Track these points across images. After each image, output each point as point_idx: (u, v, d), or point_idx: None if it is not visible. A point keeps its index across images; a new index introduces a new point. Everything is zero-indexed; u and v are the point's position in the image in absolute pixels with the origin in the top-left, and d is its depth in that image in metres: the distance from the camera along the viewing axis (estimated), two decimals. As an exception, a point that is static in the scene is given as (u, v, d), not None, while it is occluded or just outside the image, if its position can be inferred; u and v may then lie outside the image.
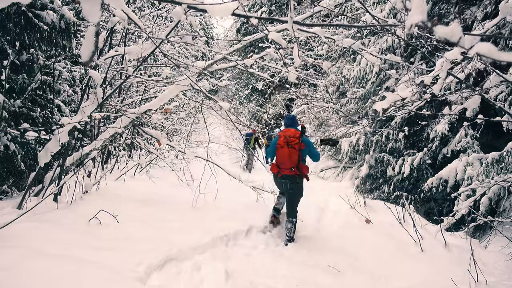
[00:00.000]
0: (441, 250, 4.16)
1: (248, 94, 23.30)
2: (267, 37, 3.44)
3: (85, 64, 1.16)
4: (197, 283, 3.07)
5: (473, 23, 6.73)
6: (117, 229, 3.83)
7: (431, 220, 5.69)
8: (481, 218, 4.23)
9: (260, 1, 22.46)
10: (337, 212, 5.71)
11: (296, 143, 4.33)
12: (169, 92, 4.56)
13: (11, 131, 4.32)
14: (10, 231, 2.94)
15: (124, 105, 6.48)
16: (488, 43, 0.95)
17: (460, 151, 6.85)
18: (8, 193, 5.15)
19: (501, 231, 4.46)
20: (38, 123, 5.33)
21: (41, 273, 2.45)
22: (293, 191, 4.52)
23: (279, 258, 3.90)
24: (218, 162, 5.76)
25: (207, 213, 5.12)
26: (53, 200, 4.24)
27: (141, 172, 7.80)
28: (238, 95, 23.45)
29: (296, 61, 1.86)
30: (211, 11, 1.61)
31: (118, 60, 6.43)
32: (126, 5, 4.40)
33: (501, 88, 5.82)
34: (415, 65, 4.74)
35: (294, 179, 4.45)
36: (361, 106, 10.63)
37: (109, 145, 7.24)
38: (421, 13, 0.95)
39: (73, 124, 3.71)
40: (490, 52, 0.92)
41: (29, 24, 4.67)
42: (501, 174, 5.39)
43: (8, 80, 4.71)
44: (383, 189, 9.11)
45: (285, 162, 4.37)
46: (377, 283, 3.43)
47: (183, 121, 12.51)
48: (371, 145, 9.36)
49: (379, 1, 9.59)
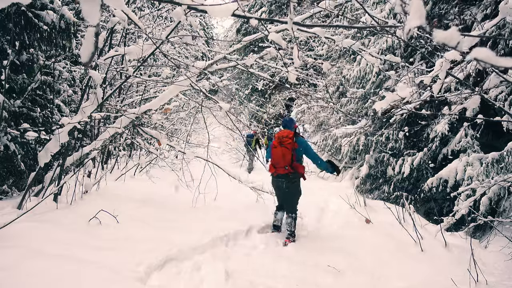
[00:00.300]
0: (441, 250, 4.16)
1: (248, 94, 23.30)
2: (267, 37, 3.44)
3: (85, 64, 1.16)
4: (197, 283, 3.07)
5: (472, 24, 6.73)
6: (117, 229, 3.83)
7: (431, 220, 5.69)
8: (481, 218, 4.23)
9: (260, 1, 22.46)
10: (337, 212, 5.71)
11: (288, 142, 4.46)
12: (169, 92, 4.56)
13: (11, 131, 4.32)
14: (10, 231, 2.94)
15: (124, 105, 6.49)
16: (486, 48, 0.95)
17: (460, 151, 6.85)
18: (8, 193, 5.15)
19: (501, 231, 4.46)
20: (38, 123, 5.33)
21: (41, 273, 2.45)
22: (290, 190, 4.57)
23: (279, 258, 3.90)
24: (218, 162, 5.76)
25: (207, 213, 5.13)
26: (53, 200, 4.24)
27: (141, 172, 7.81)
28: (238, 95, 23.45)
29: (296, 62, 1.86)
30: (211, 12, 1.61)
31: (118, 60, 6.44)
32: (126, 5, 4.40)
33: (501, 88, 5.82)
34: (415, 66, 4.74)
35: (289, 178, 4.51)
36: (361, 106, 10.63)
37: (109, 145, 7.25)
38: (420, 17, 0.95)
39: (73, 124, 3.71)
40: (488, 58, 0.92)
41: (29, 24, 4.67)
42: (501, 174, 5.39)
43: (8, 80, 4.71)
44: (383, 189, 9.11)
45: (279, 161, 4.49)
46: (377, 283, 3.43)
47: (183, 121, 12.51)
48: (371, 145, 9.36)
49: (379, 1, 9.58)
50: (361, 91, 10.08)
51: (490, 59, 0.93)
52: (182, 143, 8.31)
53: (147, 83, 6.98)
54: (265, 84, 21.25)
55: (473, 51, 0.94)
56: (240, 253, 3.92)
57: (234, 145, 15.88)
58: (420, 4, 0.96)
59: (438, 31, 0.95)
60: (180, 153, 5.67)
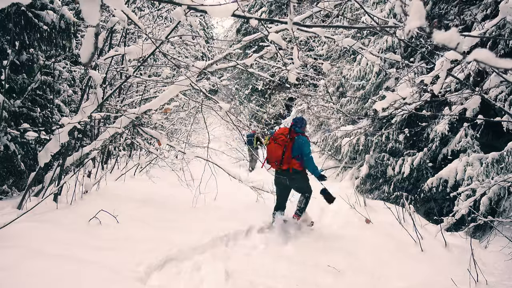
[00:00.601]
0: (441, 250, 4.16)
1: (248, 94, 23.28)
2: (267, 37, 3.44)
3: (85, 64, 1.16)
4: (197, 283, 3.07)
5: (473, 24, 6.72)
6: (117, 229, 3.83)
7: (431, 220, 5.68)
8: (481, 218, 4.23)
9: (260, 1, 22.44)
10: (337, 212, 5.71)
11: (282, 139, 4.61)
12: (169, 92, 4.56)
13: (11, 131, 4.32)
14: (10, 231, 2.94)
15: (124, 105, 6.48)
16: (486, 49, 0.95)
17: (460, 151, 6.85)
18: (8, 193, 5.15)
19: (501, 231, 4.46)
20: (38, 123, 5.33)
21: (41, 273, 2.45)
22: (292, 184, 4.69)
23: (279, 258, 3.90)
24: (218, 162, 5.76)
25: (207, 213, 5.12)
26: (53, 200, 4.24)
27: (141, 172, 7.81)
28: (238, 95, 23.44)
29: (296, 63, 1.86)
30: (211, 12, 1.61)
31: (118, 60, 6.43)
32: (126, 5, 4.40)
33: (501, 88, 5.82)
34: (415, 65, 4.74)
35: (289, 174, 4.61)
36: (361, 106, 10.62)
37: (109, 145, 7.25)
38: (420, 18, 0.95)
39: (73, 124, 3.71)
40: (488, 59, 0.92)
41: (29, 24, 4.67)
42: (501, 174, 5.39)
43: (8, 80, 4.71)
44: (383, 189, 9.10)
45: (271, 157, 4.69)
46: (377, 283, 3.43)
47: (183, 121, 12.51)
48: (371, 145, 9.36)
49: (379, 1, 9.58)
50: (361, 91, 10.08)
51: (490, 60, 0.93)
52: (182, 143, 8.31)
53: (147, 83, 6.98)
54: (265, 84, 21.24)
55: (473, 52, 0.94)
56: (240, 253, 3.92)
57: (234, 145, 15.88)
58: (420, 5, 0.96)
59: (438, 32, 0.95)
60: (180, 153, 5.67)
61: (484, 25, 3.46)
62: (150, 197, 5.62)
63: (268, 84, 20.62)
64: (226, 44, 19.88)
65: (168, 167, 7.63)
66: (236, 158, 14.37)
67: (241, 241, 4.28)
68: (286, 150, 4.56)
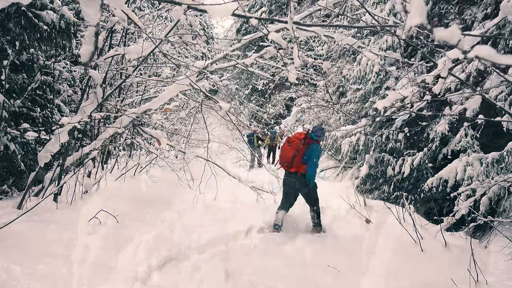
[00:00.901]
0: (441, 250, 4.16)
1: (248, 94, 23.28)
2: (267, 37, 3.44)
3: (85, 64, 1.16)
4: (197, 283, 3.07)
5: (473, 23, 6.72)
6: (117, 229, 3.83)
7: (431, 220, 5.68)
8: (481, 218, 4.23)
9: (260, 1, 22.44)
10: (337, 212, 5.71)
11: (296, 143, 4.73)
12: (169, 92, 4.55)
13: (11, 131, 4.31)
14: (10, 231, 2.94)
15: (124, 105, 6.48)
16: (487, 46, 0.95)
17: (460, 151, 6.84)
18: (8, 193, 5.15)
19: (501, 231, 4.45)
20: (38, 123, 5.33)
21: (41, 273, 2.45)
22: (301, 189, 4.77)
23: (279, 258, 3.90)
24: (218, 162, 5.76)
25: (207, 213, 5.12)
26: (53, 200, 4.24)
27: (141, 172, 7.81)
28: (238, 95, 23.44)
29: (296, 62, 1.86)
30: (211, 11, 1.61)
31: (118, 60, 6.42)
32: (126, 5, 4.40)
33: (501, 88, 5.81)
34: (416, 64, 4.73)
35: (298, 178, 4.67)
36: (361, 106, 10.62)
37: (109, 145, 7.24)
38: (420, 15, 0.95)
39: (73, 124, 3.71)
40: (489, 55, 0.92)
41: (29, 24, 4.66)
42: (501, 174, 5.38)
43: (8, 80, 4.71)
44: (383, 189, 9.10)
45: (282, 157, 4.84)
46: (377, 283, 3.42)
47: (183, 121, 12.51)
48: (371, 145, 9.35)
49: (379, 1, 9.58)
50: (361, 91, 10.08)
51: (491, 56, 0.93)
52: (182, 143, 8.31)
53: (147, 83, 6.98)
54: (265, 84, 21.24)
55: (475, 49, 0.93)
56: (240, 253, 3.92)
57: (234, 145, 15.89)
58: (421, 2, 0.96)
59: (438, 29, 0.95)
60: (180, 153, 5.67)
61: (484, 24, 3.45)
62: (150, 197, 5.62)
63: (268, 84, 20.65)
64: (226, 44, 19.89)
65: (168, 167, 7.63)
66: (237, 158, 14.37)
67: (241, 241, 4.27)
68: (298, 154, 4.68)
